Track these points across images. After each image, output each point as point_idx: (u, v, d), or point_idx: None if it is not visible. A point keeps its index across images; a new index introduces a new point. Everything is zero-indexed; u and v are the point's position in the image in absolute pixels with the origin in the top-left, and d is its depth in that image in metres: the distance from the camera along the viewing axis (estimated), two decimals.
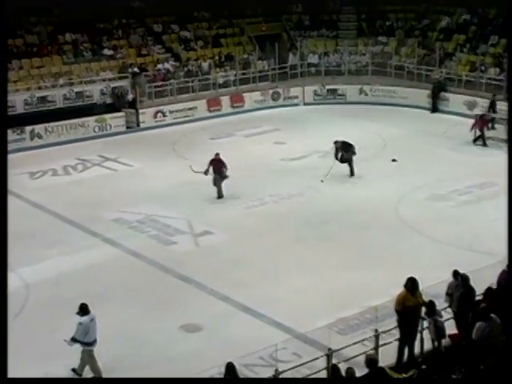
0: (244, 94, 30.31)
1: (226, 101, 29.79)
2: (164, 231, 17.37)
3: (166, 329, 12.76)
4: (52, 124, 25.75)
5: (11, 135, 24.72)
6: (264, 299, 13.62)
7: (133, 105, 27.80)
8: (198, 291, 14.25)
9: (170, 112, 28.47)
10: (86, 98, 27.51)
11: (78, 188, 20.84)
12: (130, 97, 27.96)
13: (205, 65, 31.00)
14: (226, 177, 19.03)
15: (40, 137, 25.58)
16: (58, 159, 23.66)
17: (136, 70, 29.21)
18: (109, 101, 27.86)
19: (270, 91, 30.77)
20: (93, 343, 11.32)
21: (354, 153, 20.45)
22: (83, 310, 11.24)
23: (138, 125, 27.77)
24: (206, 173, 18.91)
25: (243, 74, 31.14)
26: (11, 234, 16.04)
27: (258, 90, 30.64)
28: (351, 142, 20.51)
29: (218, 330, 12.66)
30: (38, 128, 25.48)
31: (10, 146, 24.55)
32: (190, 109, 28.91)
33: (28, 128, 25.24)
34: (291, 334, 12.26)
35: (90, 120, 26.66)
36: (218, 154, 19.25)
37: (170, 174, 21.69)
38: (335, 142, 20.59)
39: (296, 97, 30.95)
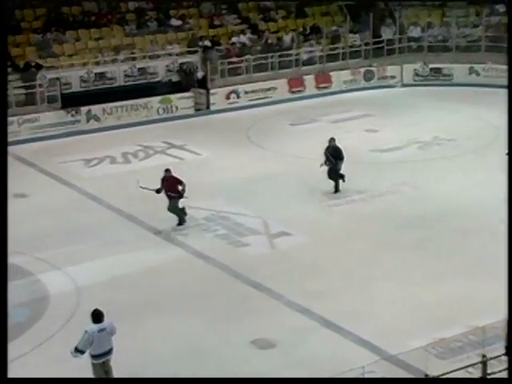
0: (331, 73, 30.25)
1: (309, 81, 29.80)
2: (235, 231, 17.57)
3: (233, 344, 12.90)
4: (111, 105, 26.40)
5: (65, 116, 25.57)
6: (348, 313, 13.60)
7: (203, 84, 28.16)
8: (271, 301, 14.34)
9: (245, 93, 28.72)
10: (150, 76, 28.07)
11: (138, 178, 21.27)
12: (199, 74, 28.33)
13: (286, 38, 31.10)
14: (181, 196, 17.50)
15: (97, 119, 26.27)
16: (117, 145, 24.26)
17: (207, 43, 29.58)
18: (175, 79, 28.34)
19: (363, 70, 30.61)
20: (100, 356, 11.36)
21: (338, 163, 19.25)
22: (95, 317, 11.39)
23: (208, 107, 28.11)
24: (158, 191, 17.54)
25: (331, 49, 31.08)
26: (61, 228, 16.66)
27: (347, 68, 30.53)
28: (341, 149, 19.30)
29: (294, 347, 12.71)
30: (95, 109, 26.18)
31: (63, 129, 25.49)
32: (268, 89, 29.07)
33: (84, 109, 25.97)
34: (380, 355, 12.19)
35: (154, 101, 27.17)
36: (168, 171, 17.72)
37: (243, 165, 21.89)
38: (327, 148, 19.38)
39: (393, 77, 30.69)
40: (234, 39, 30.50)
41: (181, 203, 17.59)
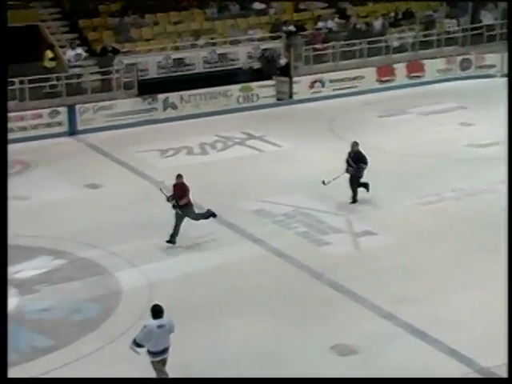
0: (424, 62, 29.87)
1: (400, 69, 29.49)
2: (316, 228, 17.53)
3: (311, 348, 12.87)
4: (189, 92, 26.69)
5: (141, 104, 25.97)
6: (436, 319, 13.41)
7: (285, 71, 28.17)
8: (353, 304, 14.27)
9: (330, 81, 28.61)
10: (230, 62, 28.24)
11: (215, 170, 21.49)
12: (282, 61, 28.36)
13: (376, 23, 30.83)
14: (187, 204, 16.74)
15: (174, 107, 26.59)
16: (194, 135, 24.53)
17: (292, 28, 29.57)
18: (257, 66, 28.42)
19: (459, 58, 30.10)
20: (158, 353, 11.44)
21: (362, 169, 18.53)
22: (155, 312, 11.49)
23: (291, 96, 28.12)
24: (169, 199, 16.77)
25: (425, 35, 30.65)
26: (134, 221, 16.90)
27: (442, 56, 30.04)
28: (364, 154, 18.55)
29: (377, 355, 12.61)
30: (173, 97, 26.50)
31: (139, 117, 25.89)
32: (355, 78, 28.91)
33: (161, 96, 26.33)
34: (472, 368, 11.98)
35: (234, 89, 27.33)
36: (180, 177, 16.98)
37: (327, 159, 21.79)
38: (350, 153, 18.66)
39: (492, 66, 30.08)
40: (319, 24, 30.39)
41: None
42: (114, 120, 25.62)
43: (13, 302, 14.45)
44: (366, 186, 18.68)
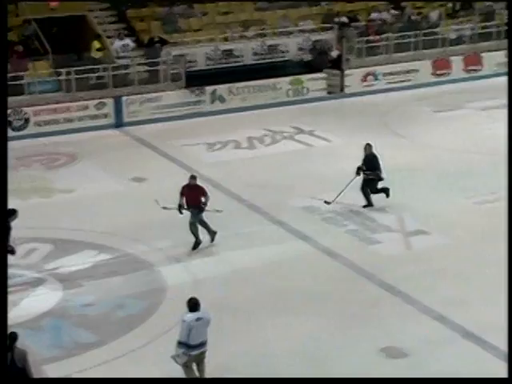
0: (483, 55, 29.49)
1: (457, 62, 29.17)
2: (366, 226, 17.43)
3: (360, 350, 12.80)
4: (237, 85, 26.70)
5: (188, 96, 26.07)
6: (491, 324, 13.21)
7: (337, 64, 28.04)
8: (405, 306, 14.16)
9: (384, 75, 28.42)
10: (280, 54, 28.18)
11: (263, 165, 21.48)
12: (334, 53, 28.23)
13: (433, 14, 30.52)
14: (202, 210, 16.36)
15: (222, 100, 26.63)
16: (242, 128, 24.55)
17: (344, 19, 29.41)
18: (307, 58, 28.33)
19: None
20: (196, 347, 11.44)
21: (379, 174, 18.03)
22: (192, 305, 11.53)
23: (342, 89, 27.99)
24: (180, 209, 16.35)
25: (483, 27, 30.25)
26: (180, 216, 16.92)
27: (502, 49, 29.59)
28: (378, 158, 18.08)
29: (429, 359, 12.49)
30: (221, 89, 26.55)
31: (186, 110, 25.98)
32: (409, 71, 28.67)
33: (208, 88, 26.39)
34: None
35: (283, 81, 27.28)
36: (193, 178, 16.65)
37: (378, 154, 21.65)
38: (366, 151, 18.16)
39: None
40: (373, 15, 30.17)
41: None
42: (161, 112, 25.75)
43: (56, 296, 14.66)
44: (385, 191, 18.17)
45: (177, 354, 11.36)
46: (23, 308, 14.25)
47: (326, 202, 18.09)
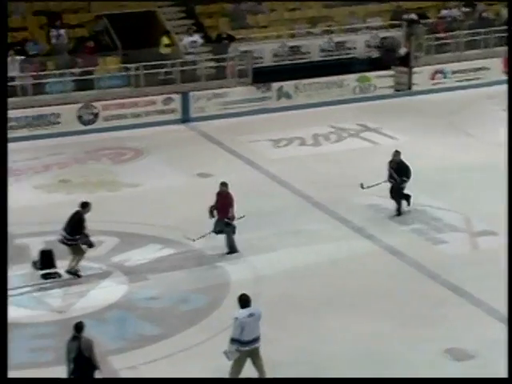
0: None
1: None
2: (432, 226, 17.26)
3: (423, 351, 12.66)
4: (304, 81, 26.67)
5: (255, 92, 26.13)
6: None
7: (405, 61, 27.79)
8: (470, 307, 14.00)
9: (453, 72, 28.08)
10: (347, 51, 28.05)
11: (328, 163, 21.42)
12: (402, 51, 27.98)
13: (505, 12, 29.92)
14: (230, 222, 15.95)
15: (288, 96, 26.63)
16: (308, 125, 24.51)
17: (413, 16, 29.12)
18: (375, 55, 28.15)
19: None
20: (248, 343, 11.43)
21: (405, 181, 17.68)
22: (243, 301, 11.54)
23: (410, 87, 27.73)
24: (211, 211, 15.97)
25: None
26: (244, 212, 16.98)
27: None
28: (407, 165, 17.74)
29: (495, 361, 12.26)
30: (287, 85, 26.56)
31: (252, 106, 26.05)
32: (480, 69, 28.25)
33: (275, 85, 26.42)
34: None
35: (350, 79, 27.18)
36: (224, 185, 16.15)
37: (445, 153, 21.44)
38: (390, 162, 17.90)
39: None
40: (443, 12, 29.81)
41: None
42: (227, 108, 25.87)
43: (122, 289, 14.86)
44: (407, 198, 17.82)
45: (229, 351, 11.39)
46: (89, 299, 14.50)
47: (361, 186, 18.00)
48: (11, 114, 23.52)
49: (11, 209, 18.19)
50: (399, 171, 17.67)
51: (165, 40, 26.43)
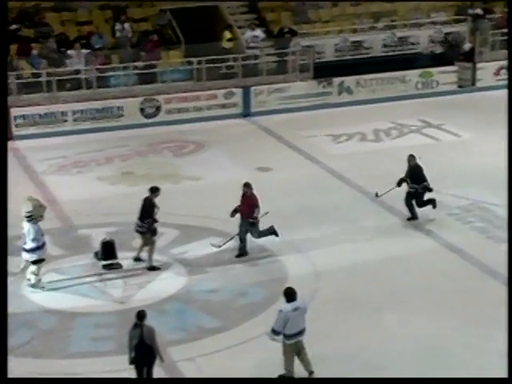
0: None
1: None
2: (494, 224, 17.06)
3: (486, 351, 12.57)
4: (365, 76, 26.54)
5: (316, 87, 26.07)
6: None
7: (469, 57, 27.44)
8: None
9: None
10: (410, 46, 27.83)
11: (389, 158, 21.25)
12: (466, 46, 27.63)
13: None
14: (254, 222, 15.72)
15: (349, 91, 26.53)
16: (369, 121, 24.39)
17: (478, 11, 28.73)
18: (438, 50, 27.87)
19: None
20: (293, 336, 11.59)
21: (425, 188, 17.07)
22: (288, 295, 11.63)
23: (474, 83, 27.38)
24: (234, 213, 15.85)
25: None
26: (304, 207, 16.96)
27: None
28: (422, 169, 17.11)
29: None
30: (348, 81, 26.45)
31: (313, 101, 26.01)
32: None
33: (336, 80, 26.34)
34: None
35: (413, 74, 26.95)
36: (246, 186, 15.83)
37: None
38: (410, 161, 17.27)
39: None
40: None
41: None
42: (288, 103, 25.87)
43: (182, 281, 15.01)
44: (432, 202, 17.20)
45: (270, 337, 11.68)
46: (149, 291, 14.66)
47: (376, 194, 17.60)
48: (76, 106, 24.00)
49: (74, 200, 18.68)
50: (415, 176, 17.09)
51: (227, 34, 26.54)
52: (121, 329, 13.24)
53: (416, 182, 17.06)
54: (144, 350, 11.15)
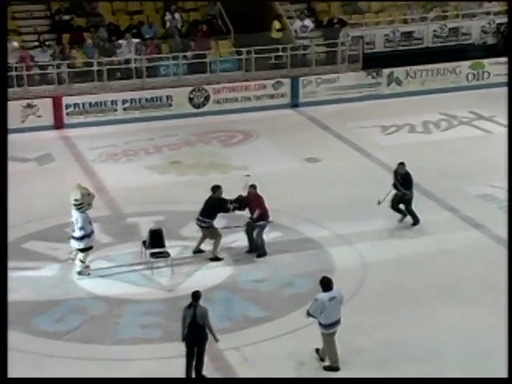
0: None
1: None
2: None
3: None
4: (415, 68, 26.32)
5: (365, 78, 25.92)
6: None
7: None
8: None
9: None
10: (461, 37, 27.51)
11: (438, 151, 21.11)
12: None
13: None
14: (264, 224, 15.59)
15: (399, 83, 26.34)
16: (418, 112, 24.20)
17: None
18: (491, 41, 27.51)
19: None
20: (330, 326, 11.71)
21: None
22: (325, 284, 11.75)
23: None
24: (237, 205, 15.68)
25: None
26: (352, 198, 16.89)
27: None
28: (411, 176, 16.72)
29: None
30: (398, 72, 26.26)
31: (362, 92, 25.87)
32: None
33: (385, 71, 26.16)
34: None
35: (463, 65, 26.67)
36: (252, 187, 15.83)
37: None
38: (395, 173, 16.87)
39: None
40: None
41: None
42: (337, 94, 25.77)
43: (228, 270, 15.07)
44: (416, 220, 16.71)
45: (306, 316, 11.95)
46: (196, 279, 14.74)
47: (378, 202, 16.81)
48: (126, 95, 24.18)
49: (124, 188, 18.84)
50: (407, 184, 16.63)
51: (276, 24, 26.48)
52: (168, 316, 13.40)
53: (408, 188, 16.66)
54: (196, 330, 11.41)
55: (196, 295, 11.52)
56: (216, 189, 15.55)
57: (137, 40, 25.31)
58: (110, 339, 12.91)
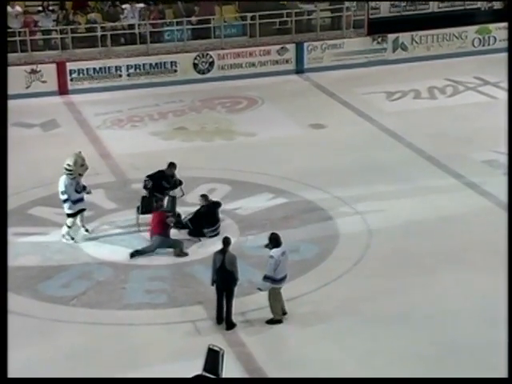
0: None
1: None
2: None
3: None
4: (421, 33, 26.13)
5: (370, 44, 25.76)
6: None
7: None
8: None
9: None
10: (468, 2, 27.23)
11: (443, 117, 21.01)
12: None
13: None
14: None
15: (404, 48, 26.16)
16: (424, 78, 24.06)
17: None
18: (497, 6, 27.23)
19: None
20: (281, 280, 12.00)
21: None
22: (273, 240, 11.95)
23: None
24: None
25: None
26: (357, 164, 16.82)
27: None
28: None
29: None
30: (403, 37, 26.08)
31: (368, 58, 25.72)
32: None
33: (391, 36, 25.97)
34: None
35: (470, 30, 26.47)
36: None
37: None
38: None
39: None
40: None
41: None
42: (342, 59, 25.60)
43: (233, 236, 15.02)
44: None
45: (263, 286, 12.13)
46: (202, 246, 14.72)
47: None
48: (130, 61, 24.05)
49: (128, 154, 18.80)
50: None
51: None
52: (174, 282, 13.44)
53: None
54: (224, 275, 11.87)
55: (226, 241, 11.93)
56: (171, 166, 15.43)
57: (141, 5, 25.13)
58: (116, 304, 12.95)
